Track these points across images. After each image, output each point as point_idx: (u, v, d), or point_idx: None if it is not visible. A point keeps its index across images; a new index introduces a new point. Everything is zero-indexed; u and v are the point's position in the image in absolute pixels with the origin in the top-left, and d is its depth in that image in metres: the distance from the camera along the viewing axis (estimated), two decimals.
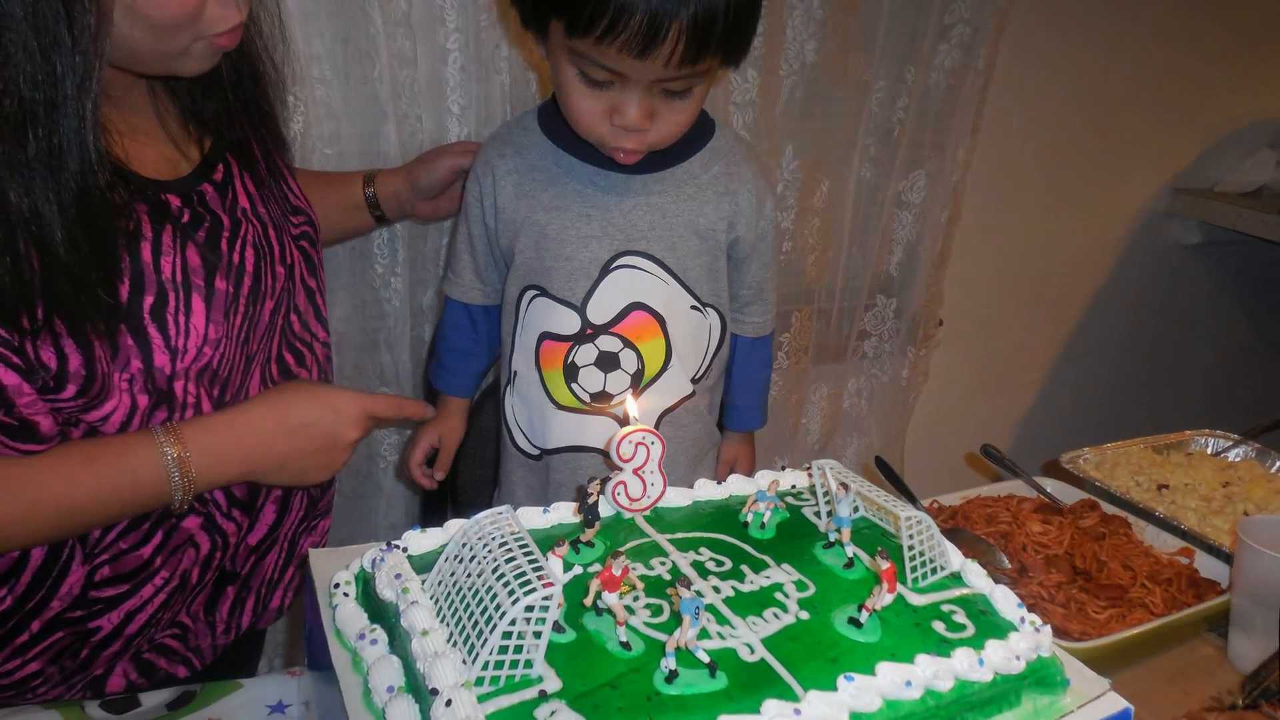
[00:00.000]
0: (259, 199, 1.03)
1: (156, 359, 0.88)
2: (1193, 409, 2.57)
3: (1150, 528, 1.22)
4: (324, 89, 1.42)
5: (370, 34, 1.40)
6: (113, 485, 0.87)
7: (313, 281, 1.11)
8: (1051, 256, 2.28)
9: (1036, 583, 1.09)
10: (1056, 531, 1.17)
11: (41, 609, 0.92)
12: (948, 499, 1.27)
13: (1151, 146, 2.24)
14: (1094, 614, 1.04)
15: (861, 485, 0.80)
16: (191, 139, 0.99)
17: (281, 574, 1.12)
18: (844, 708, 0.60)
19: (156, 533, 0.96)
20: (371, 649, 0.63)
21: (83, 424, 0.88)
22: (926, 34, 1.73)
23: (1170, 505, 1.27)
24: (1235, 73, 2.20)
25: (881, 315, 2.00)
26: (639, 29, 0.89)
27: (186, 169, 0.97)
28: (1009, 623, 0.71)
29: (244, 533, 1.04)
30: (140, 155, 0.92)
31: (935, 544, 0.75)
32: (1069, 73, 2.04)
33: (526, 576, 0.59)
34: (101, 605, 0.95)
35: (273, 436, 0.96)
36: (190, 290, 0.91)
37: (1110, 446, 1.42)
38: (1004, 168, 2.04)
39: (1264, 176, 2.27)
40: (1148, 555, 1.15)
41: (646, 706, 0.58)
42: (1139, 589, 1.08)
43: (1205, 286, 2.52)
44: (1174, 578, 1.11)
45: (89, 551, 0.93)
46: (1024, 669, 0.67)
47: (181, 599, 1.01)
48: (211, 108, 0.99)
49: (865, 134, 1.79)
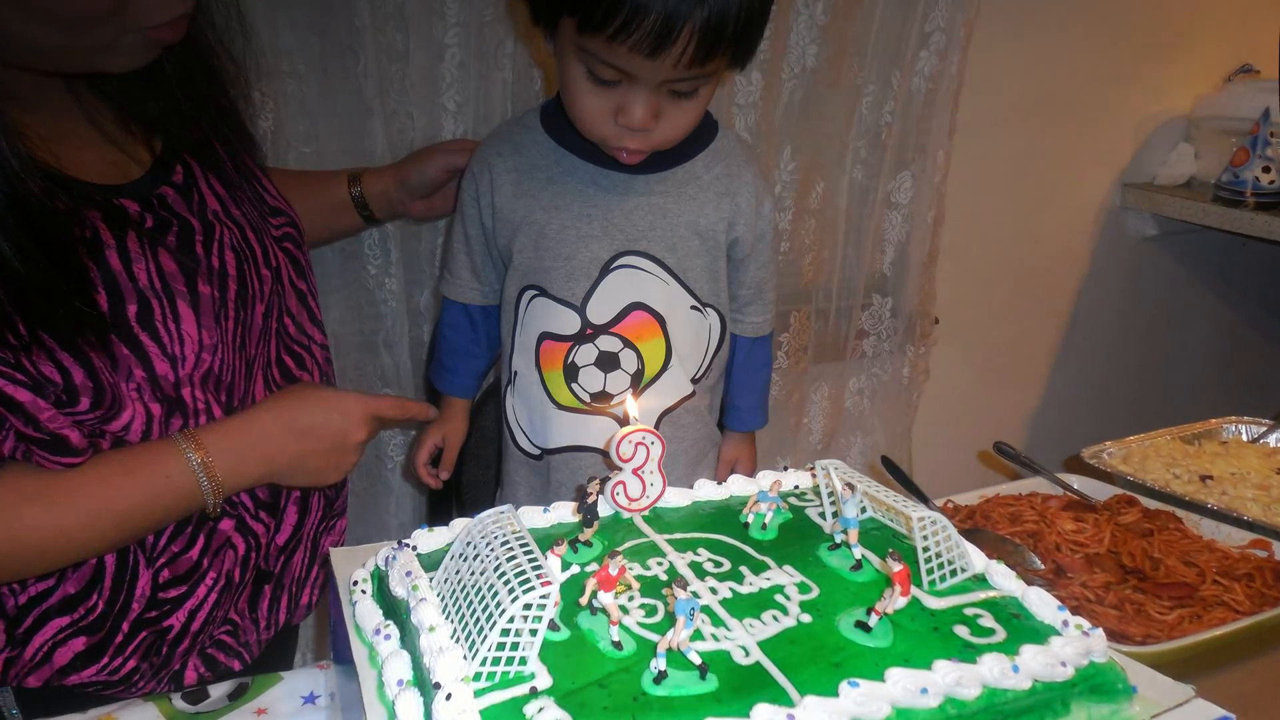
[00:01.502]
0: (230, 200, 1.01)
1: (158, 367, 0.89)
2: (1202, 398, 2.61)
3: (1206, 521, 1.14)
4: (296, 84, 1.39)
5: (356, 27, 1.37)
6: (154, 491, 0.90)
7: (303, 284, 1.11)
8: (1033, 253, 2.33)
9: (1079, 584, 1.01)
10: (1094, 529, 1.09)
11: (126, 611, 0.96)
12: (964, 498, 1.20)
13: (1098, 145, 2.32)
14: (1158, 615, 0.94)
15: (869, 485, 0.78)
16: (137, 140, 0.95)
17: (308, 572, 1.14)
18: (845, 715, 0.57)
19: (199, 536, 0.98)
20: (385, 644, 0.64)
21: (108, 435, 0.89)
22: (910, 40, 1.77)
23: (1222, 497, 1.19)
24: (1146, 74, 2.30)
25: (878, 314, 2.02)
26: (652, 29, 0.89)
27: (138, 172, 0.94)
28: (1048, 626, 0.67)
29: (272, 533, 1.06)
30: (76, 160, 0.88)
31: (953, 545, 0.72)
32: (1025, 76, 2.11)
33: (526, 575, 0.59)
34: (169, 605, 0.98)
35: (285, 439, 0.97)
36: (174, 296, 0.91)
37: (1134, 439, 1.36)
38: (980, 168, 2.09)
39: (1188, 169, 2.37)
40: (1212, 550, 1.06)
41: (632, 706, 0.58)
42: (1212, 586, 0.99)
43: (1177, 276, 2.58)
44: (1254, 572, 1.01)
45: (150, 556, 0.96)
46: (1073, 675, 0.62)
47: (229, 597, 1.04)
48: (156, 107, 0.94)
49: (856, 136, 1.83)
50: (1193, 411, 1.48)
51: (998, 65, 2.00)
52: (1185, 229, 2.37)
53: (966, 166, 1.99)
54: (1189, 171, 2.37)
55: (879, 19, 1.72)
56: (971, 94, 1.90)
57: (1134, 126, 2.35)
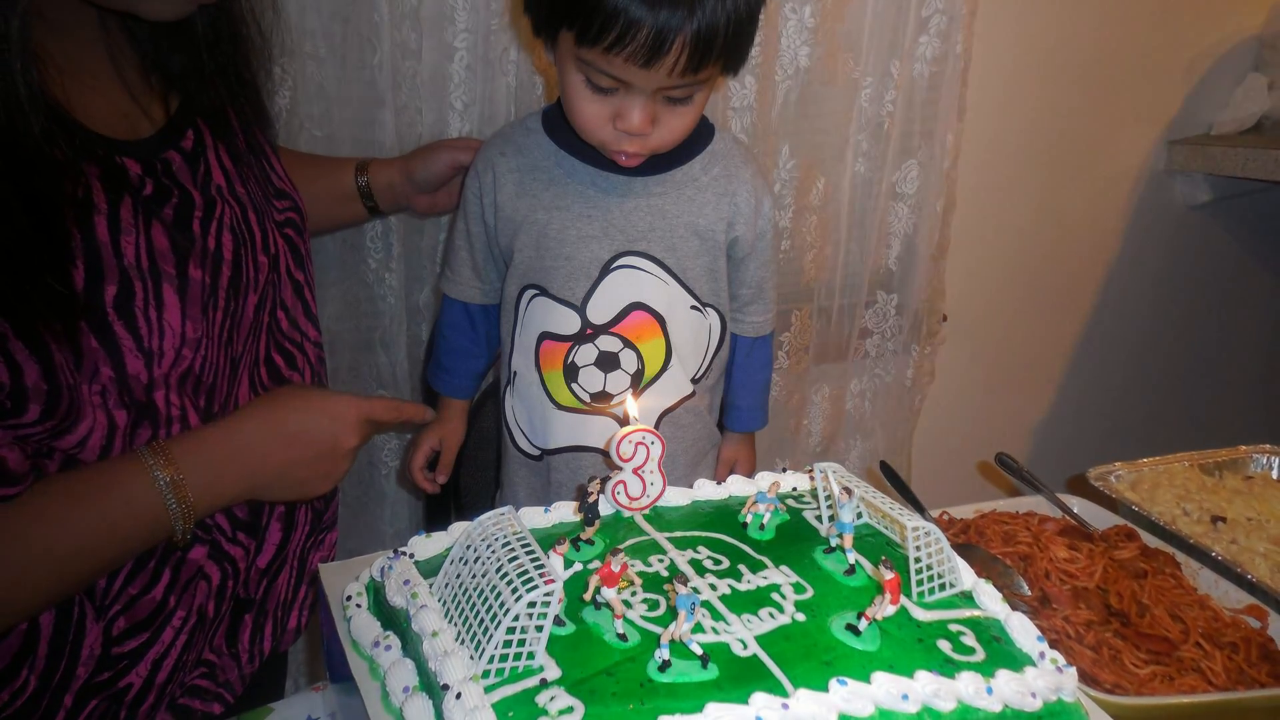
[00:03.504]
0: (237, 177, 0.92)
1: (129, 364, 0.77)
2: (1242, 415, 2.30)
3: (1205, 571, 1.02)
4: (316, 66, 1.39)
5: (375, 21, 1.39)
6: (108, 523, 0.76)
7: (300, 274, 1.03)
8: (1055, 238, 2.09)
9: (1061, 617, 0.96)
10: (1086, 561, 1.02)
11: (69, 680, 0.82)
12: (959, 511, 1.15)
13: (1136, 99, 1.99)
14: (1132, 666, 0.89)
15: (865, 491, 0.79)
16: (154, 94, 0.87)
17: (295, 594, 1.06)
18: (833, 709, 0.60)
19: (164, 570, 0.87)
20: (386, 655, 0.65)
21: (57, 453, 0.75)
22: (907, 28, 1.75)
23: (1231, 546, 1.05)
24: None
25: (883, 312, 1.96)
26: (645, 42, 0.92)
27: (148, 130, 0.85)
28: (1025, 655, 0.69)
29: (252, 556, 0.97)
30: (86, 103, 0.78)
31: (945, 559, 0.73)
32: (1041, 40, 1.92)
33: (529, 574, 0.61)
34: (126, 660, 0.86)
35: (269, 448, 0.87)
36: (160, 279, 0.79)
37: (1147, 462, 1.22)
38: (994, 149, 1.95)
39: (1259, 105, 1.94)
40: (1203, 607, 0.97)
41: (639, 692, 0.60)
42: (1193, 648, 0.91)
43: (1228, 254, 2.18)
44: (1240, 643, 0.92)
45: (99, 605, 0.83)
46: (1040, 708, 0.64)
47: (203, 635, 0.93)
48: (180, 62, 0.87)
49: (857, 129, 1.80)
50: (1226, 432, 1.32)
51: (1008, 33, 1.86)
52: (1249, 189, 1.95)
53: (980, 148, 1.88)
54: (1259, 109, 1.91)
55: (870, 14, 1.71)
56: (980, 68, 1.78)
57: (1185, 65, 1.96)
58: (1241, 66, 2.00)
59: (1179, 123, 2.03)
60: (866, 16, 1.72)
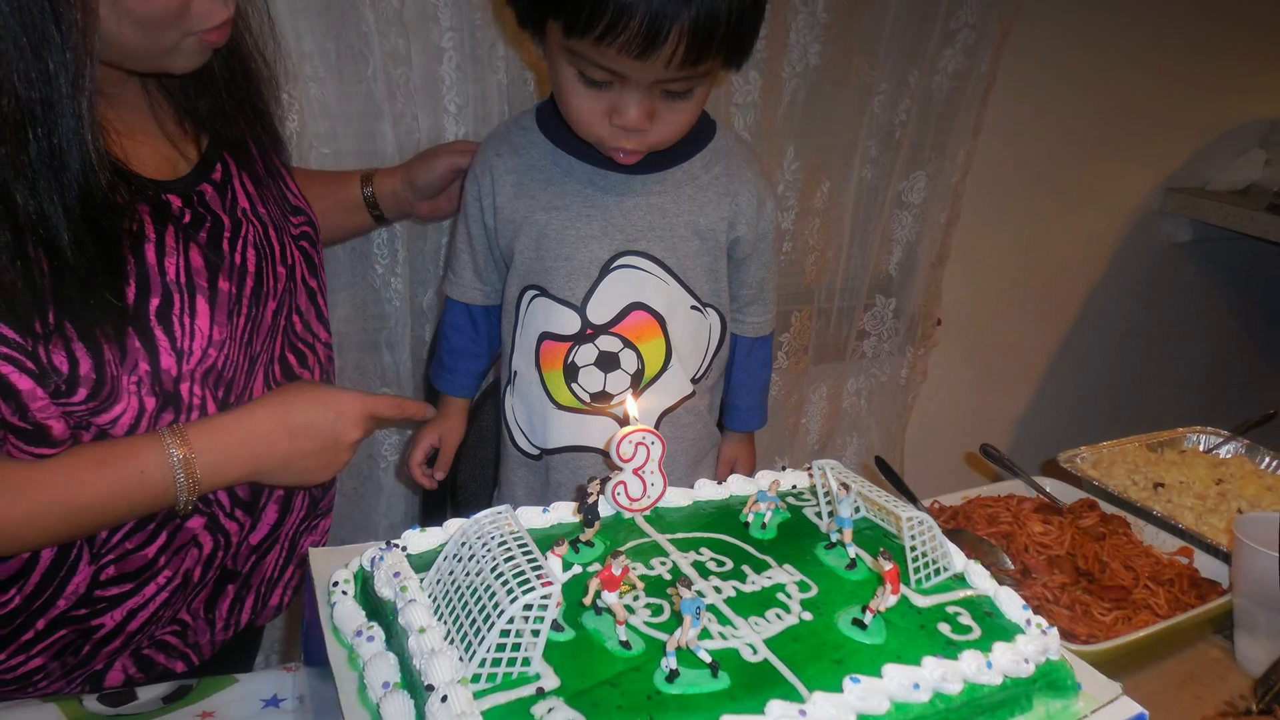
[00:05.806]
0: (258, 199, 1.04)
1: (163, 361, 0.89)
2: (1186, 405, 2.60)
3: (1149, 527, 1.22)
4: (318, 87, 1.42)
5: (362, 31, 1.39)
6: (122, 487, 0.88)
7: (314, 282, 1.12)
8: (1048, 256, 2.31)
9: (1040, 584, 1.08)
10: (1057, 532, 1.16)
11: (48, 608, 0.93)
12: (948, 499, 1.26)
13: (1147, 147, 2.28)
14: (1099, 616, 1.03)
15: (862, 485, 0.80)
16: (188, 137, 1.00)
17: (281, 572, 1.13)
18: (850, 709, 0.59)
19: (161, 533, 0.96)
20: (368, 645, 0.63)
21: (93, 427, 0.89)
22: (931, 38, 1.74)
23: (1167, 504, 1.26)
24: (1229, 74, 2.24)
25: (880, 315, 2.01)
26: (639, 30, 0.88)
27: (185, 168, 0.98)
28: (1015, 625, 0.70)
29: (246, 532, 1.05)
30: (138, 155, 0.92)
31: (938, 545, 0.75)
32: (1070, 75, 2.06)
33: (525, 575, 0.59)
34: (105, 603, 0.96)
35: (275, 437, 0.96)
36: (195, 292, 0.92)
37: (1106, 445, 1.42)
38: (1003, 169, 2.06)
39: (1253, 175, 2.33)
40: (1148, 555, 1.15)
41: (647, 705, 0.58)
42: (1142, 590, 1.07)
43: (1196, 284, 2.57)
44: (1175, 578, 1.10)
45: (96, 551, 0.94)
46: (1034, 672, 0.66)
47: (183, 597, 1.01)
48: (206, 105, 0.99)
49: (867, 135, 1.80)
50: (1175, 419, 1.52)
51: (1034, 63, 1.95)
52: (1222, 235, 2.33)
53: (988, 166, 1.95)
54: (1252, 178, 2.32)
55: (892, 16, 1.70)
56: (1002, 89, 1.85)
57: (1198, 129, 2.29)
58: (1248, 140, 2.34)
59: (1180, 174, 2.34)
60: (886, 20, 1.70)
